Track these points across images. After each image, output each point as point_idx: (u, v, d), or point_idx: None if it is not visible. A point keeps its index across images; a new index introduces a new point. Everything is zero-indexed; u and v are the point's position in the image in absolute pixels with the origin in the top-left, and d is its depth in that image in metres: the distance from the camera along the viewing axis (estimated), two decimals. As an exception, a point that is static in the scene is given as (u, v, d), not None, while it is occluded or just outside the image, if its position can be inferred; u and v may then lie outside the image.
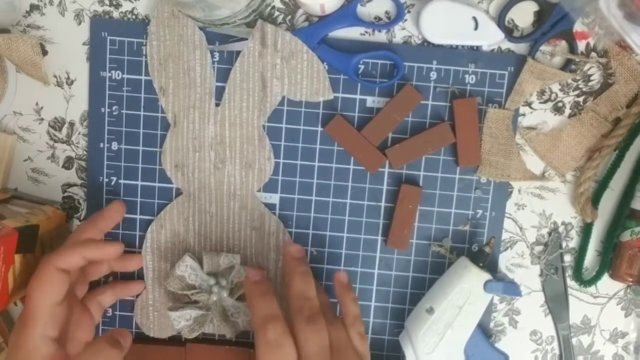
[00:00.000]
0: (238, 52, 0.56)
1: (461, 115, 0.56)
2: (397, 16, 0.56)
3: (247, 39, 0.56)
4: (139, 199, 0.59)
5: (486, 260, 0.56)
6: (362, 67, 0.57)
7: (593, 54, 0.56)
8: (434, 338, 0.54)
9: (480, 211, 0.59)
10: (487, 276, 0.55)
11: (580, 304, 0.60)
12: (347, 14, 0.55)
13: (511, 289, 0.56)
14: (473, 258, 0.56)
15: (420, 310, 0.56)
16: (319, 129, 0.58)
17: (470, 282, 0.55)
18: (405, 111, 0.57)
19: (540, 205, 0.59)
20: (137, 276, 0.60)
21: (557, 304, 0.59)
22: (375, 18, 0.56)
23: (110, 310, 0.61)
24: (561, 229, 0.59)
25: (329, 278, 0.60)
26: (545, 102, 0.57)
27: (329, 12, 0.55)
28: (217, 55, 0.57)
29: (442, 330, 0.54)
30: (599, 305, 0.60)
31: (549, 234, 0.59)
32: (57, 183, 0.60)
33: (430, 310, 0.55)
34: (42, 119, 0.59)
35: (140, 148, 0.59)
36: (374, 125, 0.57)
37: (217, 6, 0.51)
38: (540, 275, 0.59)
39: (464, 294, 0.54)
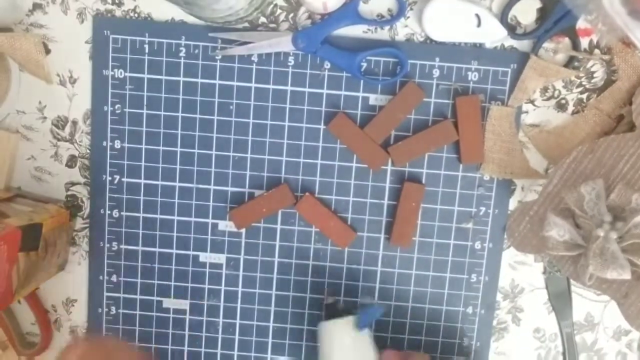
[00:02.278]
0: (240, 56, 0.56)
1: (464, 112, 0.56)
2: (399, 13, 0.56)
3: (249, 42, 0.56)
4: (142, 197, 0.59)
5: (338, 308, 0.52)
6: (364, 64, 0.57)
7: (596, 51, 0.56)
8: None
9: (483, 209, 0.58)
10: (350, 319, 0.52)
11: (584, 301, 0.60)
12: (349, 12, 0.55)
13: (371, 312, 0.52)
14: (329, 314, 0.52)
15: None
16: (322, 126, 0.58)
17: (343, 336, 0.51)
18: (408, 108, 0.57)
19: (543, 203, 0.59)
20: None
21: (560, 302, 0.59)
22: (378, 15, 0.56)
23: (114, 309, 0.61)
24: (564, 226, 0.59)
25: (331, 276, 0.60)
26: (548, 99, 0.57)
27: (331, 10, 0.55)
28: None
29: None
30: (602, 302, 0.60)
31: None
32: (60, 181, 0.60)
33: None
34: (45, 118, 0.59)
35: (143, 146, 0.59)
36: (377, 123, 0.57)
37: None
38: (544, 272, 0.59)
39: (349, 350, 0.51)
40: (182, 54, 0.57)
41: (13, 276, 0.52)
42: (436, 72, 0.57)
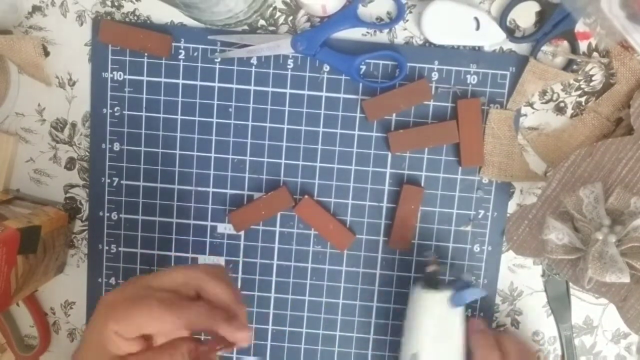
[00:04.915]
0: (239, 59, 0.57)
1: (465, 115, 0.56)
2: (398, 16, 0.56)
3: (249, 45, 0.56)
4: (140, 200, 0.59)
5: (438, 279, 0.52)
6: (363, 67, 0.57)
7: (595, 54, 0.56)
8: None
9: (482, 211, 0.58)
10: (446, 294, 0.52)
11: (583, 304, 0.60)
12: (348, 15, 0.55)
13: (473, 292, 0.52)
14: (426, 282, 0.53)
15: (406, 358, 0.53)
16: (320, 129, 0.58)
17: (435, 308, 0.52)
18: (410, 102, 0.56)
19: (542, 206, 0.59)
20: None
21: (559, 305, 0.59)
22: (377, 19, 0.56)
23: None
24: (563, 229, 0.59)
25: (331, 279, 0.60)
26: (547, 102, 0.57)
27: (330, 13, 0.55)
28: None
29: None
30: (601, 305, 0.60)
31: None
32: (59, 184, 0.60)
33: (416, 356, 0.52)
34: (44, 120, 0.59)
35: (142, 149, 0.59)
36: (377, 101, 0.56)
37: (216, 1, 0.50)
38: (543, 275, 0.59)
39: (437, 323, 0.51)
40: (181, 57, 0.57)
41: (11, 279, 0.52)
42: (435, 75, 0.57)
